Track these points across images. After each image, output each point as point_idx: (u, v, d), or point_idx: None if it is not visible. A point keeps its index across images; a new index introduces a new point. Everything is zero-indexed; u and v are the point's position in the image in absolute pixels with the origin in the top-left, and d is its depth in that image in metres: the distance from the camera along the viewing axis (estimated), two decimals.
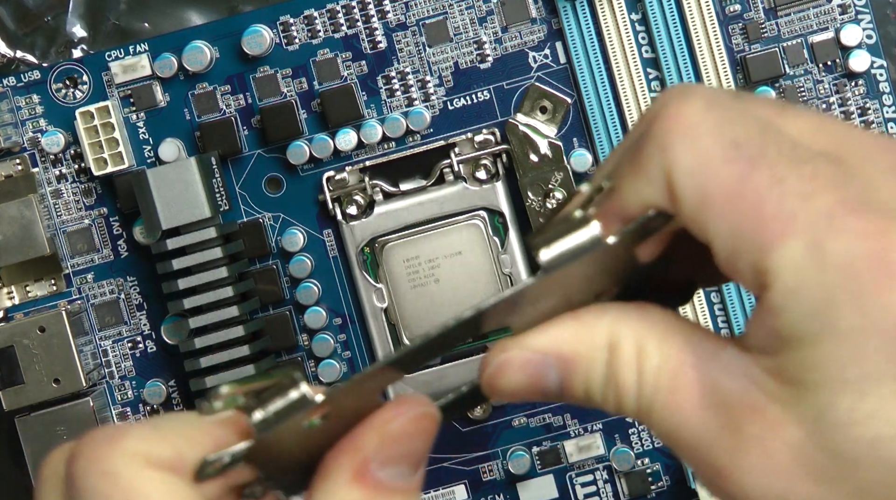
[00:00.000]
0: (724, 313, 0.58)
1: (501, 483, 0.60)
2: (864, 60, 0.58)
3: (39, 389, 0.57)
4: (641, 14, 0.58)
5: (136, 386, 0.60)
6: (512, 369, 0.37)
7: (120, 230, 0.59)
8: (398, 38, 0.59)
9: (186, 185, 0.56)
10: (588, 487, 0.60)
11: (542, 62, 0.58)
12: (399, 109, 0.59)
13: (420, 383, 0.59)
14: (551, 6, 0.58)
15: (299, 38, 0.59)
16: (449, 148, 0.59)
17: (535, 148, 0.58)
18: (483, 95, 0.59)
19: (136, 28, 0.62)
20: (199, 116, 0.59)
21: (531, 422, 0.60)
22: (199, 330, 0.57)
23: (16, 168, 0.59)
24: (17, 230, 0.58)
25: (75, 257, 0.59)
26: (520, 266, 0.58)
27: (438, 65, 0.59)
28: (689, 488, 0.58)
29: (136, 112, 0.59)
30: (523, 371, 0.37)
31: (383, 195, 0.59)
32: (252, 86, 0.59)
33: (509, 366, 0.37)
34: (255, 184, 0.59)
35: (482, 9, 0.58)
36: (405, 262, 0.58)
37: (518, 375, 0.37)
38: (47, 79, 0.59)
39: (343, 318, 0.59)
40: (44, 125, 0.59)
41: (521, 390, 0.37)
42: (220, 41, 0.59)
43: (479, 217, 0.58)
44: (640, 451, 0.59)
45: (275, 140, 0.58)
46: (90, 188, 0.59)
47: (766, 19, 0.58)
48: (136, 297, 0.60)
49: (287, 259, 0.59)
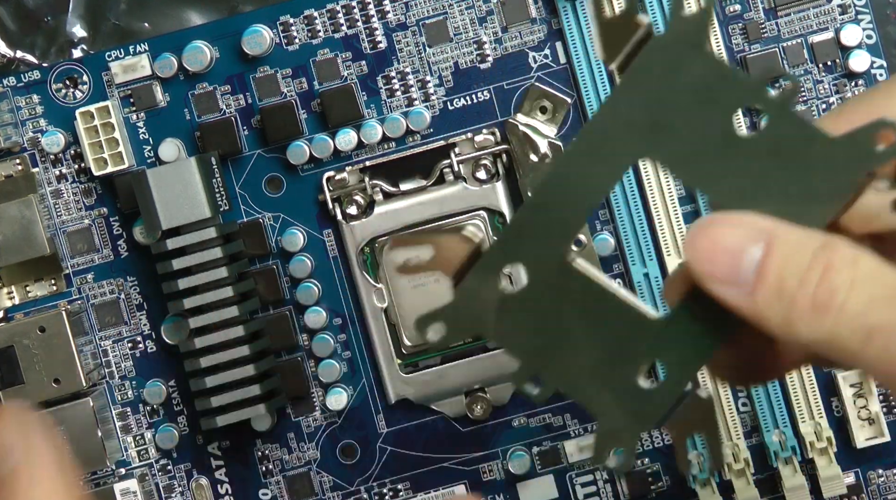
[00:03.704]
0: None
1: (501, 483, 0.60)
2: (864, 60, 0.58)
3: (39, 389, 0.57)
4: None
5: (136, 386, 0.60)
6: (717, 238, 0.36)
7: (120, 230, 0.59)
8: (398, 38, 0.59)
9: (186, 185, 0.56)
10: (588, 487, 0.60)
11: (542, 62, 0.58)
12: (399, 109, 0.59)
13: (420, 384, 0.59)
14: (551, 6, 0.58)
15: (299, 38, 0.59)
16: (449, 148, 0.59)
17: (535, 148, 0.58)
18: (483, 95, 0.59)
19: (136, 28, 0.62)
20: (199, 116, 0.59)
21: (531, 422, 0.60)
22: (199, 330, 0.57)
23: (16, 168, 0.59)
24: (17, 230, 0.58)
25: (75, 256, 0.60)
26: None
27: (438, 65, 0.59)
28: (689, 488, 0.58)
29: (136, 112, 0.59)
30: (727, 246, 0.36)
31: (383, 195, 0.59)
32: (252, 86, 0.59)
33: (716, 234, 0.36)
34: (255, 184, 0.59)
35: (482, 9, 0.58)
36: None
37: (721, 250, 0.36)
38: (47, 79, 0.59)
39: (343, 318, 0.59)
40: (44, 125, 0.59)
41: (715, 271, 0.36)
42: (220, 41, 0.59)
43: (479, 217, 0.58)
44: (640, 451, 0.59)
45: (275, 140, 0.58)
46: (90, 188, 0.59)
47: (766, 19, 0.58)
48: (136, 297, 0.60)
49: (287, 259, 0.59)
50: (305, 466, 0.60)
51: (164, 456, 0.60)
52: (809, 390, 0.58)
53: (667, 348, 0.38)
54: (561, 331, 0.39)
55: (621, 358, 0.39)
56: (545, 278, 0.39)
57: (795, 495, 0.58)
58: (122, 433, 0.60)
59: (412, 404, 0.59)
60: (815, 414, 0.58)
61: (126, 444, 0.60)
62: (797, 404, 0.58)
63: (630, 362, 0.38)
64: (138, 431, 0.60)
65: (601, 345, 0.39)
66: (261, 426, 0.59)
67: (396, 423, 0.60)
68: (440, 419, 0.60)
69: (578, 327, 0.39)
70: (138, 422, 0.60)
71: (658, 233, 0.57)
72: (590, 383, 0.39)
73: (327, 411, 0.60)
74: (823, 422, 0.58)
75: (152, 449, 0.60)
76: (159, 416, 0.60)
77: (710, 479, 0.58)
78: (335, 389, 0.59)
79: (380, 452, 0.60)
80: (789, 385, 0.58)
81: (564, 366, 0.39)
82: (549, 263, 0.39)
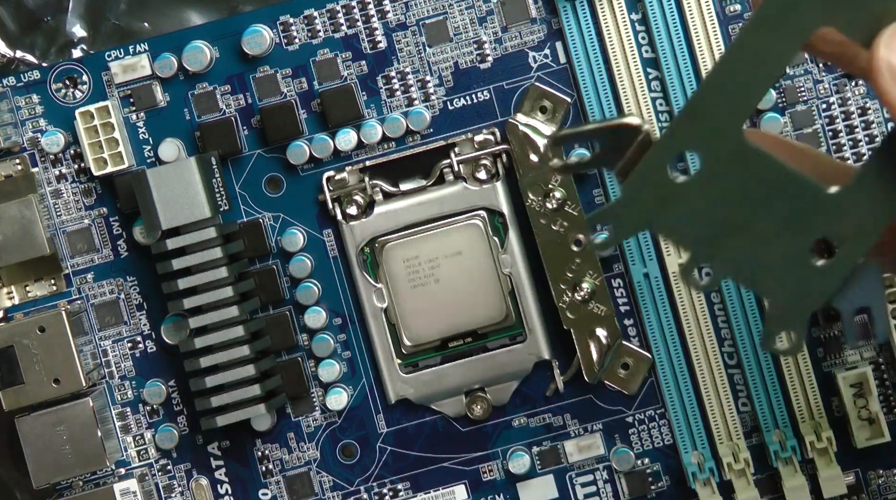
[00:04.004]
0: (723, 312, 0.58)
1: (501, 483, 0.60)
2: None
3: (39, 389, 0.57)
4: (641, 14, 0.57)
5: (136, 386, 0.60)
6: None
7: (120, 230, 0.59)
8: (398, 38, 0.59)
9: (186, 185, 0.56)
10: (588, 487, 0.60)
11: (542, 62, 0.58)
12: (399, 109, 0.59)
13: (420, 384, 0.59)
14: (551, 6, 0.58)
15: (299, 38, 0.59)
16: (449, 148, 0.59)
17: (535, 148, 0.58)
18: (483, 95, 0.59)
19: (136, 28, 0.62)
20: (199, 116, 0.59)
21: (531, 422, 0.60)
22: (199, 330, 0.57)
23: (16, 168, 0.59)
24: (17, 230, 0.58)
25: (75, 257, 0.59)
26: (520, 266, 0.58)
27: (438, 65, 0.59)
28: (688, 488, 0.58)
29: (136, 112, 0.59)
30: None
31: (383, 195, 0.59)
32: (252, 86, 0.59)
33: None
34: (255, 184, 0.59)
35: (482, 9, 0.58)
36: (405, 262, 0.58)
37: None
38: (47, 79, 0.59)
39: (343, 318, 0.59)
40: (44, 125, 0.59)
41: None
42: (220, 41, 0.59)
43: (479, 217, 0.58)
44: (640, 451, 0.59)
45: (275, 140, 0.58)
46: (90, 188, 0.59)
47: None
48: (136, 297, 0.60)
49: (287, 259, 0.59)
50: (305, 466, 0.60)
51: (163, 456, 0.60)
52: (809, 390, 0.58)
53: (842, 221, 0.39)
54: (734, 214, 0.39)
55: (795, 234, 0.39)
56: (719, 161, 0.39)
57: (795, 495, 0.58)
58: (122, 433, 0.60)
59: (412, 404, 0.59)
60: (815, 414, 0.58)
61: (126, 444, 0.60)
62: (797, 404, 0.58)
63: (804, 237, 0.39)
64: (138, 431, 0.60)
65: (774, 224, 0.39)
66: (261, 426, 0.59)
67: (396, 423, 0.60)
68: (440, 418, 0.60)
69: (752, 207, 0.39)
70: (138, 422, 0.60)
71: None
72: (761, 265, 0.39)
73: (327, 411, 0.60)
74: (823, 422, 0.58)
75: (152, 449, 0.60)
76: (159, 416, 0.60)
77: (710, 479, 0.58)
78: (335, 389, 0.59)
79: (380, 452, 0.60)
80: (789, 385, 0.58)
81: (735, 251, 0.39)
82: (724, 144, 0.39)
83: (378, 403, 0.60)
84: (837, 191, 0.39)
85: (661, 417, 0.59)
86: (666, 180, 0.39)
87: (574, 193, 0.57)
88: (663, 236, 0.45)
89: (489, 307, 0.58)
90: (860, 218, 0.38)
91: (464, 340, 0.59)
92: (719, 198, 0.39)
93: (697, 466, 0.58)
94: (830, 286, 0.39)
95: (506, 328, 0.59)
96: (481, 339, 0.59)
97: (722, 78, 0.39)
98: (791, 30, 0.38)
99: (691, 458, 0.58)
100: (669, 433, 0.59)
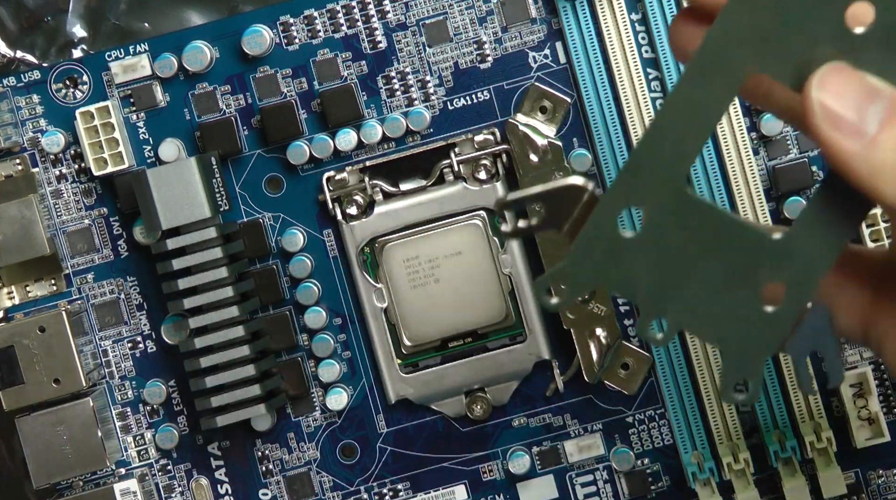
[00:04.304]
0: None
1: (501, 483, 0.60)
2: None
3: (39, 389, 0.57)
4: (641, 14, 0.57)
5: (136, 386, 0.60)
6: (847, 78, 0.36)
7: (120, 230, 0.59)
8: (398, 38, 0.59)
9: (186, 185, 0.56)
10: (588, 487, 0.60)
11: (542, 62, 0.58)
12: (399, 109, 0.59)
13: (420, 384, 0.59)
14: (551, 6, 0.58)
15: (299, 38, 0.59)
16: (449, 148, 0.59)
17: (535, 148, 0.58)
18: (483, 95, 0.59)
19: (136, 28, 0.62)
20: (199, 116, 0.59)
21: (531, 422, 0.60)
22: (199, 330, 0.57)
23: (16, 168, 0.59)
24: (17, 230, 0.58)
25: (75, 257, 0.59)
26: (520, 266, 0.58)
27: (438, 65, 0.59)
28: (688, 488, 0.58)
29: (136, 112, 0.59)
30: (855, 86, 0.36)
31: (383, 195, 0.59)
32: (252, 86, 0.59)
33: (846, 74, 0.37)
34: (255, 184, 0.59)
35: (482, 9, 0.58)
36: (405, 262, 0.58)
37: (849, 89, 0.36)
38: (47, 79, 0.59)
39: (343, 318, 0.59)
40: (44, 125, 0.59)
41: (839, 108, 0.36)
42: (220, 41, 0.59)
43: (479, 217, 0.58)
44: (640, 451, 0.59)
45: (275, 140, 0.58)
46: (90, 188, 0.59)
47: None
48: (136, 297, 0.60)
49: (287, 259, 0.59)
50: (305, 466, 0.60)
51: (163, 456, 0.60)
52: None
53: (786, 266, 0.39)
54: (681, 266, 0.39)
55: (743, 282, 0.39)
56: (664, 214, 0.39)
57: (795, 495, 0.58)
58: (122, 433, 0.60)
59: (412, 404, 0.59)
60: (815, 414, 0.58)
61: (126, 444, 0.60)
62: (797, 404, 0.58)
63: (752, 285, 0.39)
64: (138, 431, 0.60)
65: (722, 273, 0.39)
66: (261, 426, 0.59)
67: (396, 423, 0.60)
68: (440, 418, 0.60)
69: (699, 258, 0.39)
70: (138, 422, 0.60)
71: None
72: (713, 315, 0.39)
73: (327, 411, 0.60)
74: (823, 422, 0.58)
75: (152, 449, 0.60)
76: (159, 416, 0.60)
77: (710, 479, 0.58)
78: (335, 389, 0.59)
79: (380, 452, 0.60)
80: (789, 385, 0.58)
81: (687, 302, 0.39)
82: (668, 197, 0.39)
83: (378, 403, 0.60)
84: (780, 237, 0.39)
85: (661, 417, 0.59)
86: (614, 237, 0.40)
87: None
88: (615, 293, 0.45)
89: (489, 307, 0.58)
90: (804, 262, 0.39)
91: (464, 340, 0.59)
92: (667, 251, 0.39)
93: (697, 466, 0.58)
94: (780, 333, 0.39)
95: (506, 328, 0.59)
96: (481, 339, 0.59)
97: (660, 132, 0.39)
98: (723, 79, 0.38)
99: (691, 458, 0.58)
100: (669, 433, 0.59)
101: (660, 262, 0.39)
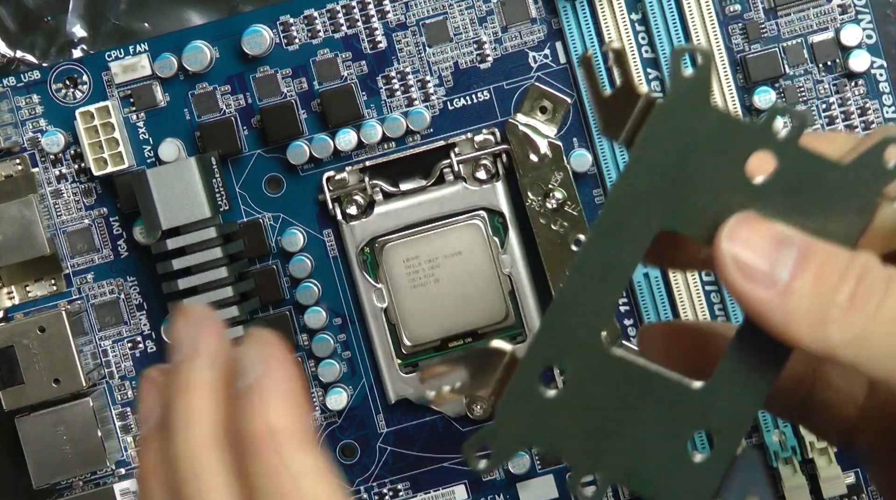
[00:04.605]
0: (723, 313, 0.58)
1: (501, 483, 0.60)
2: (864, 60, 0.58)
3: (39, 389, 0.57)
4: (641, 14, 0.58)
5: (136, 386, 0.60)
6: (756, 228, 0.37)
7: (120, 230, 0.59)
8: (398, 38, 0.59)
9: (186, 185, 0.56)
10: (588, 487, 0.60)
11: (542, 62, 0.58)
12: (399, 109, 0.59)
13: (420, 383, 0.59)
14: (551, 6, 0.58)
15: (299, 38, 0.59)
16: (449, 148, 0.59)
17: (535, 148, 0.58)
18: (483, 95, 0.59)
19: (136, 28, 0.62)
20: (199, 116, 0.59)
21: None
22: None
23: (16, 168, 0.59)
24: (17, 230, 0.58)
25: (75, 257, 0.60)
26: (519, 266, 0.58)
27: (438, 65, 0.59)
28: None
29: (136, 112, 0.59)
30: (764, 236, 0.36)
31: (383, 195, 0.59)
32: (252, 86, 0.59)
33: (755, 224, 0.37)
34: (255, 184, 0.59)
35: (482, 9, 0.58)
36: (405, 262, 0.58)
37: (759, 239, 0.36)
38: (47, 79, 0.59)
39: (343, 318, 0.59)
40: (44, 125, 0.59)
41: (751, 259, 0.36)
42: (220, 41, 0.59)
43: (479, 217, 0.58)
44: None
45: (275, 140, 0.58)
46: (90, 188, 0.59)
47: (766, 19, 0.58)
48: (136, 297, 0.60)
49: (287, 259, 0.59)
50: None
51: None
52: None
53: (711, 414, 0.38)
54: (607, 422, 0.39)
55: (670, 434, 0.39)
56: (585, 372, 0.39)
57: (795, 495, 0.58)
58: (122, 433, 0.60)
59: (412, 404, 0.60)
60: None
61: (126, 444, 0.60)
62: None
63: (679, 435, 0.39)
64: (138, 431, 0.60)
65: (649, 426, 0.39)
66: None
67: (396, 423, 0.60)
68: (440, 418, 0.60)
69: (624, 413, 0.39)
70: (138, 422, 0.60)
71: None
72: (644, 468, 0.39)
73: (327, 411, 0.60)
74: None
75: None
76: None
77: None
78: (335, 389, 0.59)
79: (380, 452, 0.60)
80: None
81: (617, 458, 0.39)
82: (587, 355, 0.39)
83: (378, 403, 0.60)
84: (702, 386, 0.38)
85: None
86: (537, 397, 0.39)
87: (574, 194, 0.57)
88: (545, 452, 0.45)
89: (489, 307, 0.58)
90: (729, 409, 0.38)
91: (464, 340, 0.59)
92: (591, 408, 0.39)
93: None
94: (712, 482, 0.39)
95: (506, 328, 0.59)
96: (481, 339, 0.59)
97: (572, 293, 0.39)
98: (631, 240, 0.38)
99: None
100: None
101: (585, 419, 0.39)
